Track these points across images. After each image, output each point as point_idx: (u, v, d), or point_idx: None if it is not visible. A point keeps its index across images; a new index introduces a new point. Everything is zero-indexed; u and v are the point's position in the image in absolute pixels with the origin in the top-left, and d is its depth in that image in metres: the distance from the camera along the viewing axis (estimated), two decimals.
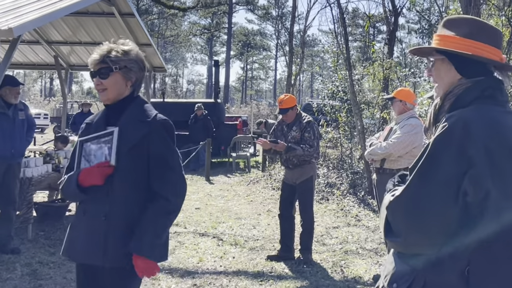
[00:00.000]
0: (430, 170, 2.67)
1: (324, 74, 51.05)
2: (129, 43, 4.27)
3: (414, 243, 2.72)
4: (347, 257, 9.45)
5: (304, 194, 9.18)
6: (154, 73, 17.84)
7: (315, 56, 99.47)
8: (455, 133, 2.62)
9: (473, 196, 2.56)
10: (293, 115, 9.17)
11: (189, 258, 9.23)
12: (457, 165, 2.58)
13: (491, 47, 2.87)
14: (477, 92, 2.80)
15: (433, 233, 2.63)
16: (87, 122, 4.35)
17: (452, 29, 2.99)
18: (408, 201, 2.71)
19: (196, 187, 17.14)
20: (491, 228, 2.57)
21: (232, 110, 56.91)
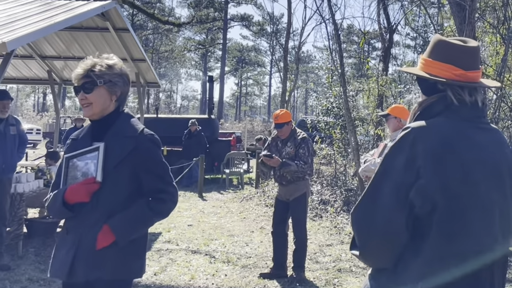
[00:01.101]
0: (381, 179, 2.74)
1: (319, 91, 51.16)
2: (113, 57, 4.23)
3: (368, 254, 2.81)
4: (340, 275, 9.37)
5: (298, 211, 9.11)
6: (148, 88, 17.81)
7: (310, 72, 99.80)
8: (405, 143, 2.73)
9: (420, 208, 2.62)
10: (288, 130, 9.13)
11: (181, 276, 9.14)
12: (406, 175, 2.64)
13: (441, 64, 2.92)
14: (441, 106, 2.86)
15: (382, 244, 2.70)
16: (73, 138, 4.34)
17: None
18: (360, 210, 2.80)
19: (189, 203, 17.06)
20: (439, 244, 2.62)
21: (226, 126, 56.94)
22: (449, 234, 2.60)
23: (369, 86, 18.47)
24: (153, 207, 4.01)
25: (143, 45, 67.50)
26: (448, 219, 2.60)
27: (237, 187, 21.60)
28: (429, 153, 2.63)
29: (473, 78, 2.87)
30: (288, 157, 9.00)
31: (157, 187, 4.05)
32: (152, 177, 4.03)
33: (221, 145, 23.42)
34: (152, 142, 4.10)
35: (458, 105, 2.83)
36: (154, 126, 21.89)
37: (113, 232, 3.87)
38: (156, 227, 12.94)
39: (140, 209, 3.99)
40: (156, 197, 4.04)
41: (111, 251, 3.89)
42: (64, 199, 3.93)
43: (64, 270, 3.90)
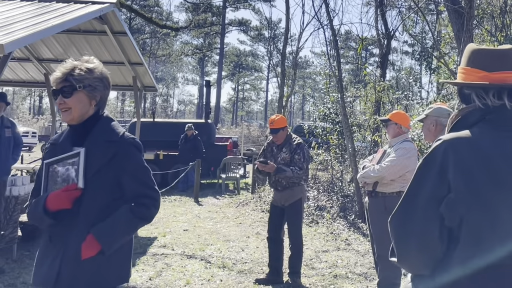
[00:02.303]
0: (414, 191, 2.78)
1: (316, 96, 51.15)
2: (94, 60, 4.14)
3: (405, 262, 2.84)
4: (336, 282, 9.35)
5: (293, 217, 9.09)
6: (145, 92, 17.76)
7: (307, 78, 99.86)
8: (437, 156, 2.74)
9: (449, 221, 2.66)
10: (283, 136, 9.11)
11: (176, 281, 9.10)
12: (437, 188, 2.67)
13: (467, 69, 2.94)
14: (477, 115, 2.84)
15: (418, 254, 2.74)
16: (52, 143, 4.21)
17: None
18: (396, 220, 2.84)
19: (185, 208, 17.03)
20: (467, 256, 2.63)
21: (222, 131, 56.89)
22: (478, 246, 2.61)
23: (366, 92, 18.45)
24: (136, 213, 3.92)
25: (141, 49, 67.50)
26: (477, 232, 2.61)
27: (233, 192, 21.56)
28: (459, 166, 2.64)
29: (500, 79, 2.84)
30: (283, 163, 8.97)
31: (139, 192, 3.96)
32: (134, 182, 3.95)
33: (218, 150, 23.38)
34: (134, 147, 4.00)
35: (496, 114, 2.80)
36: (151, 130, 21.94)
37: (98, 241, 3.78)
38: (152, 232, 12.92)
39: (124, 216, 3.90)
40: (139, 202, 3.95)
41: (97, 260, 3.81)
42: (45, 206, 3.83)
43: (50, 279, 3.82)
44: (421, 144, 13.69)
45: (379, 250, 7.80)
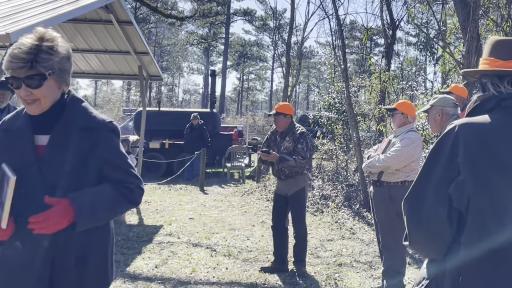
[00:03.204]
0: (426, 173, 2.84)
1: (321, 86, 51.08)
2: (53, 33, 3.35)
3: (416, 245, 2.90)
4: (341, 270, 9.38)
5: (296, 206, 9.11)
6: (150, 81, 17.79)
7: (312, 68, 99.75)
8: (449, 139, 2.79)
9: (457, 203, 2.71)
10: (283, 122, 9.10)
11: (182, 269, 9.16)
12: (447, 170, 2.74)
13: (486, 59, 3.00)
14: (493, 102, 2.89)
15: (428, 236, 2.80)
16: (4, 128, 3.53)
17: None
18: (408, 202, 2.89)
19: (190, 197, 17.09)
20: (472, 239, 2.67)
21: (227, 120, 56.89)
22: (482, 230, 2.65)
23: (371, 82, 18.46)
24: (122, 192, 3.49)
25: (146, 38, 67.47)
26: (481, 215, 2.65)
27: (238, 181, 21.61)
28: (468, 150, 2.70)
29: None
30: (286, 152, 8.97)
31: (122, 179, 3.53)
32: (116, 172, 3.51)
33: (223, 139, 23.42)
34: (114, 133, 3.51)
35: (510, 100, 2.85)
36: (156, 119, 21.97)
37: (74, 208, 3.24)
38: (158, 220, 12.98)
39: (109, 190, 3.45)
40: (123, 186, 3.51)
41: (88, 269, 3.42)
42: None
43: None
44: (426, 134, 13.70)
45: (384, 239, 7.84)
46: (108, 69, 16.17)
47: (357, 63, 71.58)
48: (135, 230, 11.86)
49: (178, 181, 19.71)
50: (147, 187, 17.83)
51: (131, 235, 11.41)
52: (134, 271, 8.92)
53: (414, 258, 9.96)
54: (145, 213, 13.97)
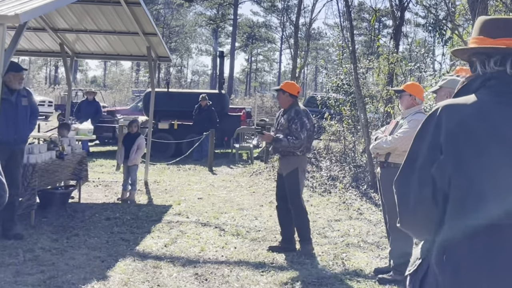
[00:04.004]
0: (412, 154, 2.86)
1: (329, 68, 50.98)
2: None
3: (406, 226, 2.94)
4: (349, 250, 9.46)
5: (290, 186, 9.13)
6: (159, 62, 17.84)
7: (320, 50, 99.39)
8: (432, 120, 2.82)
9: (440, 183, 2.74)
10: (282, 99, 9.22)
11: (190, 248, 9.26)
12: (431, 151, 2.76)
13: (475, 38, 2.99)
14: (478, 83, 2.90)
15: (415, 217, 2.85)
16: None
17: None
18: (397, 183, 2.93)
19: (199, 177, 17.18)
20: (455, 217, 2.71)
21: (236, 101, 56.88)
22: (461, 209, 2.68)
23: (379, 64, 18.45)
24: None
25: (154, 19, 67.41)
26: (460, 196, 2.68)
27: (246, 161, 21.69)
28: (449, 131, 2.73)
29: (502, 45, 2.88)
30: (281, 129, 9.04)
31: None
32: None
33: (231, 120, 23.48)
34: None
35: (495, 80, 2.85)
36: (165, 100, 22.06)
37: None
38: (167, 200, 13.08)
39: None
40: None
41: None
42: None
43: None
44: None
45: (391, 220, 7.89)
46: (116, 50, 16.23)
47: (365, 44, 71.24)
48: (144, 210, 11.96)
49: (187, 162, 19.79)
50: (156, 167, 17.97)
51: (141, 214, 11.52)
52: (144, 249, 9.03)
53: None
54: (154, 192, 14.08)
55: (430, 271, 2.77)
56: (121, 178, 13.71)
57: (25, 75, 9.81)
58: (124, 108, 30.31)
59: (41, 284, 7.14)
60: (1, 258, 8.10)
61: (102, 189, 14.37)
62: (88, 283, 7.25)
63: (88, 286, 7.17)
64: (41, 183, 10.36)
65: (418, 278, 2.84)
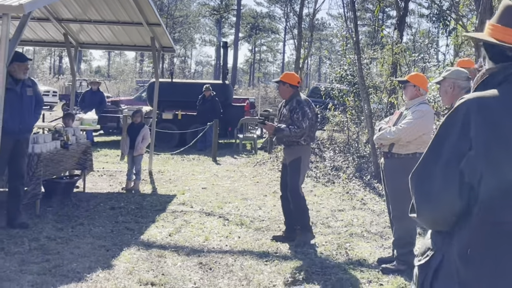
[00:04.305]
0: (436, 148, 2.78)
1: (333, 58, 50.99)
2: None
3: (425, 219, 2.84)
4: (352, 240, 9.50)
5: (292, 175, 9.15)
6: (163, 53, 17.85)
7: (324, 40, 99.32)
8: (460, 114, 2.72)
9: (469, 178, 2.65)
10: (282, 90, 9.27)
11: (195, 237, 9.30)
12: (459, 145, 2.67)
13: (507, 29, 2.84)
14: (501, 76, 2.81)
15: (437, 210, 2.74)
16: None
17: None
18: (417, 177, 2.82)
19: (203, 167, 17.22)
20: (485, 213, 2.65)
21: (239, 92, 56.84)
22: (492, 205, 2.64)
23: (383, 54, 18.46)
24: None
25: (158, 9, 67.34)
26: (491, 191, 2.63)
27: (250, 152, 21.72)
28: (478, 126, 2.65)
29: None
30: (284, 120, 9.07)
31: None
32: None
33: (235, 110, 23.49)
34: None
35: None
36: (169, 90, 22.08)
37: None
38: (171, 190, 13.13)
39: None
40: None
41: None
42: None
43: None
44: (437, 107, 13.74)
45: (395, 210, 7.93)
46: (120, 40, 16.26)
47: (369, 35, 71.22)
48: (148, 199, 12.01)
49: (191, 152, 19.81)
50: (160, 157, 18.01)
51: (145, 204, 11.56)
52: (148, 239, 9.07)
53: (424, 229, 10.05)
54: (158, 182, 14.13)
55: (445, 262, 2.74)
56: (125, 167, 13.76)
57: (29, 65, 9.83)
58: (128, 98, 30.38)
59: (47, 273, 7.19)
60: (6, 246, 8.15)
61: (106, 179, 14.43)
62: (93, 272, 7.30)
63: (93, 275, 7.21)
64: (46, 173, 10.42)
65: (431, 269, 2.80)
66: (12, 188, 9.41)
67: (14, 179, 9.38)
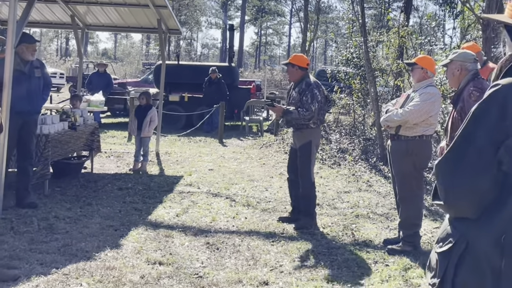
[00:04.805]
0: (470, 136, 2.68)
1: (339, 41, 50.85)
2: None
3: (452, 207, 2.79)
4: (358, 221, 9.55)
5: (302, 159, 9.12)
6: (169, 35, 17.86)
7: (330, 23, 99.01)
8: (496, 100, 2.62)
9: (508, 166, 2.58)
10: (291, 73, 9.20)
11: (202, 217, 9.37)
12: (495, 133, 2.59)
13: None
14: None
15: (468, 198, 2.67)
16: None
17: None
18: (447, 164, 2.76)
19: (210, 149, 17.30)
20: None
21: (245, 74, 56.79)
22: None
23: (389, 37, 18.44)
24: None
25: None
26: None
27: (256, 134, 21.79)
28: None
29: None
30: (294, 102, 9.04)
31: None
32: None
33: (241, 93, 23.55)
34: None
35: None
36: (176, 73, 22.11)
37: None
38: (178, 171, 13.19)
39: None
40: None
41: None
42: None
43: None
44: (444, 89, 13.74)
45: (401, 191, 7.98)
46: (127, 22, 16.27)
47: (375, 18, 70.93)
48: (156, 180, 12.08)
49: (197, 134, 19.90)
50: (167, 138, 18.07)
51: (152, 185, 11.63)
52: (156, 219, 9.14)
53: (430, 211, 10.11)
54: (165, 163, 14.20)
55: (470, 250, 2.68)
56: (132, 149, 13.82)
57: (37, 47, 9.86)
58: (135, 80, 30.42)
59: (56, 252, 7.26)
60: (16, 226, 8.22)
61: (114, 160, 14.50)
62: (101, 251, 7.36)
63: (101, 254, 7.28)
64: (54, 154, 10.48)
65: (455, 256, 2.73)
66: (21, 168, 9.47)
67: (23, 159, 9.45)
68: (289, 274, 6.94)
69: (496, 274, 2.60)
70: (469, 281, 2.69)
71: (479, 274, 2.65)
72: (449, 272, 2.75)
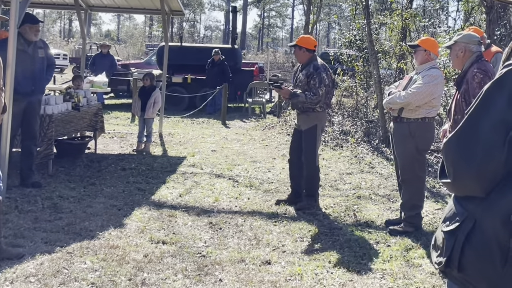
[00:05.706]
0: (481, 114, 2.65)
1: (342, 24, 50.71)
2: None
3: (461, 185, 2.76)
4: (360, 202, 9.59)
5: (307, 141, 9.08)
6: (172, 16, 17.87)
7: (333, 6, 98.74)
8: (508, 81, 2.60)
9: None
10: (298, 55, 9.11)
11: (205, 198, 9.42)
12: (507, 113, 2.56)
13: None
14: None
15: (477, 176, 2.64)
16: None
17: None
18: (458, 143, 2.73)
19: (212, 130, 17.34)
20: None
21: (248, 57, 56.73)
22: None
23: (392, 20, 18.41)
24: None
25: None
26: None
27: (259, 116, 21.83)
28: None
29: None
30: (300, 85, 8.97)
31: None
32: None
33: (244, 74, 23.58)
34: None
35: None
36: (179, 54, 22.12)
37: None
38: (181, 152, 13.24)
39: None
40: None
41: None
42: None
43: None
44: (447, 72, 13.75)
45: (403, 173, 8.01)
46: (130, 3, 16.26)
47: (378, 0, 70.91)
48: (159, 161, 12.14)
49: (200, 115, 19.98)
50: (170, 120, 18.12)
51: (156, 165, 11.68)
52: (159, 199, 9.19)
53: (431, 192, 10.16)
54: (168, 144, 14.24)
55: (477, 228, 2.65)
56: (136, 130, 13.87)
57: (41, 27, 9.88)
58: (138, 62, 30.41)
59: (60, 231, 7.32)
60: (20, 205, 8.28)
61: (117, 141, 14.55)
62: (105, 230, 7.42)
63: (105, 233, 7.33)
64: (57, 134, 10.53)
65: (462, 234, 2.70)
66: (25, 148, 9.51)
67: (27, 139, 9.49)
68: (291, 254, 6.99)
69: (504, 252, 2.59)
70: (476, 260, 2.69)
71: (487, 252, 2.64)
72: (456, 251, 2.74)
